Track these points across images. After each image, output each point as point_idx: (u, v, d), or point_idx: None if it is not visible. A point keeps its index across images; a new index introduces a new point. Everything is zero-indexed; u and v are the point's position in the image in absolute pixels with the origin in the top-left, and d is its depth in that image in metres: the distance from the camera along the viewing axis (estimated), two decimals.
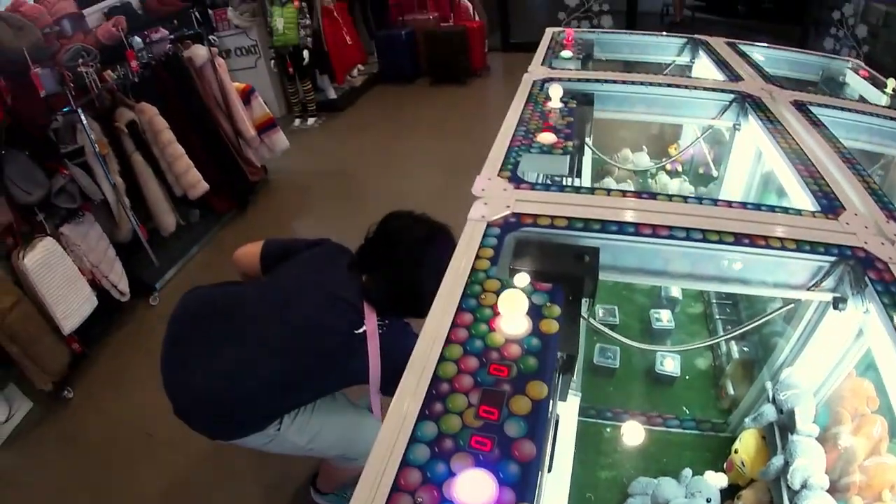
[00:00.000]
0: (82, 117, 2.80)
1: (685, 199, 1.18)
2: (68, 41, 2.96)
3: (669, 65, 2.43)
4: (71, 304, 2.66)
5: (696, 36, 2.43)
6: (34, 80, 2.60)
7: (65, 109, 2.80)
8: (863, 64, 2.42)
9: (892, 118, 1.74)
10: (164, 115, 3.24)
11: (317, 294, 1.49)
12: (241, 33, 5.17)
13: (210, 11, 4.82)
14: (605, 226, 1.03)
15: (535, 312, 0.84)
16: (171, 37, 3.51)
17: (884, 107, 1.94)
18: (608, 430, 1.57)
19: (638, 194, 1.14)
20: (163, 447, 2.44)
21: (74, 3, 3.12)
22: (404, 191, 4.22)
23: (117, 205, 3.05)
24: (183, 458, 2.38)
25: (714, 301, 1.97)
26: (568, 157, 1.25)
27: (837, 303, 1.05)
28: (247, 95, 3.92)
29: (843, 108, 1.77)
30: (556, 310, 0.85)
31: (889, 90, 2.06)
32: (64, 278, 2.63)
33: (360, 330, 1.42)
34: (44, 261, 2.55)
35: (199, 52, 3.60)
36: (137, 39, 3.22)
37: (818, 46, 5.89)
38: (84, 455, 2.48)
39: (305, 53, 4.97)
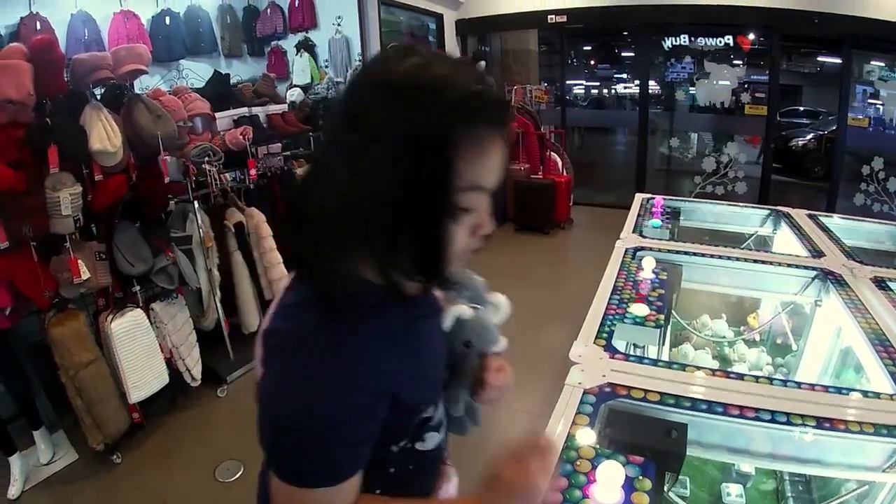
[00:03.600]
0: (196, 208, 3.04)
1: (770, 380, 1.21)
2: (197, 138, 3.26)
3: (752, 235, 2.50)
4: (143, 377, 2.76)
5: (778, 208, 2.51)
6: (162, 165, 2.81)
7: (181, 198, 3.04)
8: None
9: None
10: (270, 223, 3.43)
11: None
12: None
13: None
14: (694, 403, 1.07)
15: (628, 484, 0.87)
16: (287, 153, 3.81)
17: None
18: None
19: (726, 373, 1.18)
20: None
21: (209, 105, 3.42)
22: None
23: (209, 295, 3.21)
24: None
25: (786, 478, 1.89)
26: (659, 329, 1.32)
27: None
28: None
29: None
30: (648, 483, 0.88)
31: None
32: (144, 351, 2.75)
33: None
34: (129, 330, 2.68)
35: None
36: (255, 150, 3.54)
37: (848, 203, 5.81)
38: None
39: None
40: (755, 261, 1.84)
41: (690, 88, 6.69)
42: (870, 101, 5.84)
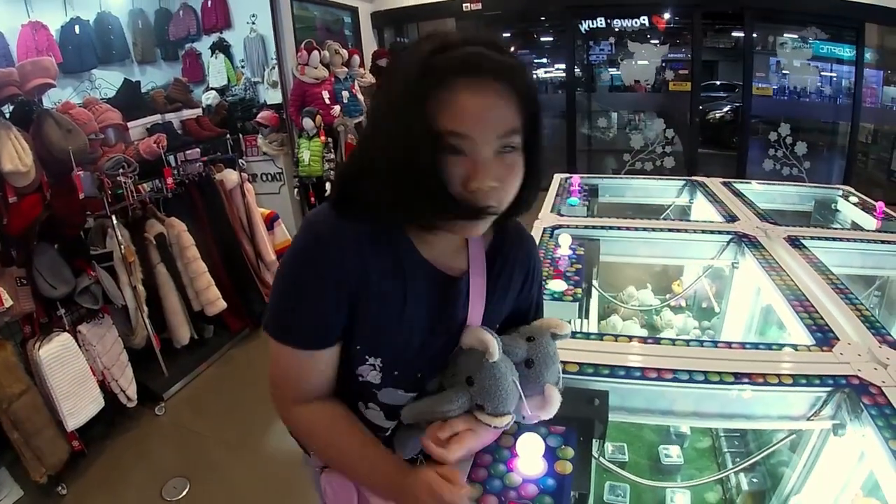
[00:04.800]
0: (115, 223, 2.92)
1: (688, 342, 1.27)
2: (111, 150, 3.14)
3: (669, 206, 2.59)
4: (78, 402, 2.65)
5: (693, 178, 2.62)
6: (76, 181, 2.69)
7: (98, 214, 2.91)
8: (853, 190, 2.58)
9: (881, 241, 1.86)
10: (192, 232, 3.37)
11: None
12: (269, 160, 5.38)
13: (241, 137, 5.11)
14: (613, 370, 1.11)
15: (550, 454, 0.90)
16: (204, 159, 3.69)
17: (873, 231, 2.07)
18: None
19: (643, 339, 1.22)
20: None
21: (120, 115, 3.31)
22: None
23: (136, 311, 3.10)
24: None
25: (722, 435, 1.97)
26: (577, 303, 1.35)
27: (837, 429, 1.09)
28: (271, 221, 4.07)
29: (834, 238, 1.90)
30: (570, 451, 0.91)
31: None
32: (75, 375, 2.64)
33: None
34: (58, 355, 2.57)
35: (230, 177, 3.80)
36: (171, 158, 3.43)
37: (757, 168, 6.04)
38: None
39: (328, 185, 5.12)
40: (671, 230, 1.91)
41: (610, 69, 6.85)
42: (784, 71, 6.12)
